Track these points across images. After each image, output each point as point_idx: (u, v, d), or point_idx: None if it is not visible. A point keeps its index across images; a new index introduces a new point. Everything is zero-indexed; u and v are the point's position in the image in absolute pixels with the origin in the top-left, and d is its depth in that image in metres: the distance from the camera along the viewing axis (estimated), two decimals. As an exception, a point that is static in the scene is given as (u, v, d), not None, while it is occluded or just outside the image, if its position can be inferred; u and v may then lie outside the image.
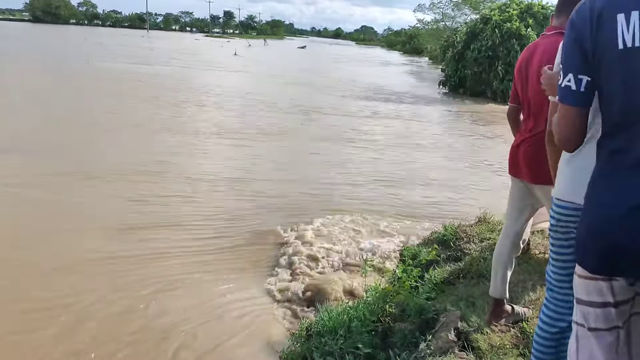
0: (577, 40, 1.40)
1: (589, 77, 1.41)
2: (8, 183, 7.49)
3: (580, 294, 1.50)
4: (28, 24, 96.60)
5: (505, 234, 2.92)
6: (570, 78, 1.43)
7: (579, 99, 1.44)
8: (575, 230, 1.76)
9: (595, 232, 1.38)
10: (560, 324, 1.96)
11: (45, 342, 3.98)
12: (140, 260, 5.50)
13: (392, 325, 3.40)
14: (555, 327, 1.97)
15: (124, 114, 13.77)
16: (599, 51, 1.35)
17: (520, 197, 2.82)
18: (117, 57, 32.62)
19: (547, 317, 2.00)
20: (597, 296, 1.43)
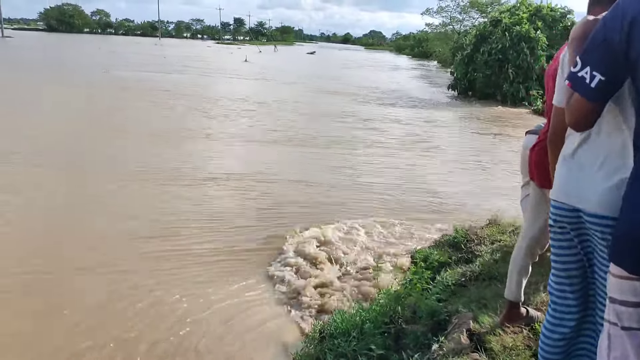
0: (606, 40, 1.44)
1: (602, 77, 1.44)
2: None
3: (613, 293, 1.51)
4: (43, 33, 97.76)
5: (522, 237, 2.93)
6: (587, 71, 1.47)
7: (588, 93, 1.48)
8: (572, 231, 1.78)
9: (632, 232, 1.39)
10: (561, 330, 1.93)
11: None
12: (153, 261, 5.61)
13: (405, 327, 3.42)
14: (556, 332, 1.94)
15: (158, 124, 13.94)
16: (633, 53, 1.38)
17: (536, 201, 2.82)
18: (132, 65, 32.70)
19: (548, 323, 1.98)
20: (631, 296, 1.44)
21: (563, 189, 1.76)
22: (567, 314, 1.91)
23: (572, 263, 1.85)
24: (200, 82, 25.53)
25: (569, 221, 1.77)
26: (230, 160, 10.55)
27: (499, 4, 44.07)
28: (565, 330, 1.92)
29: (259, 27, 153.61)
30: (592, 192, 1.63)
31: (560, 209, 1.78)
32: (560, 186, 1.78)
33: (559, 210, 1.79)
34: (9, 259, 5.45)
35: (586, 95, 1.49)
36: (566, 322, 1.91)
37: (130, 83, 22.66)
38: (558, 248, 1.87)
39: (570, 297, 1.89)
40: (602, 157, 1.63)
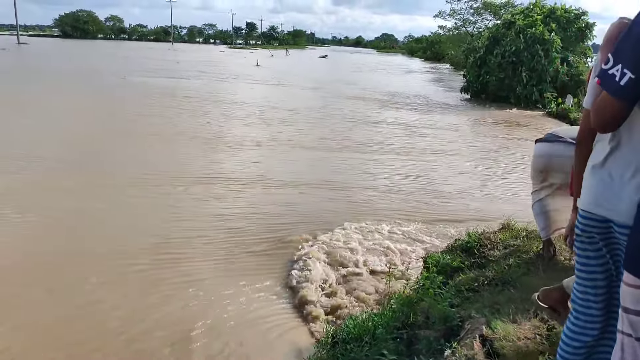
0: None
1: (632, 75, 1.42)
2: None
3: (627, 303, 1.49)
4: (57, 40, 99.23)
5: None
6: (618, 68, 1.44)
7: (617, 91, 1.46)
8: (601, 240, 1.75)
9: None
10: (583, 338, 1.90)
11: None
12: (170, 262, 5.68)
13: (417, 332, 3.41)
14: (578, 341, 1.91)
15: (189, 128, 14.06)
16: None
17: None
18: (148, 71, 32.76)
19: (569, 331, 1.95)
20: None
21: (593, 199, 1.72)
22: (590, 322, 1.89)
23: (599, 273, 1.82)
24: (220, 87, 25.46)
25: (599, 231, 1.73)
26: (270, 165, 10.58)
27: (512, 5, 43.87)
28: (587, 339, 1.90)
29: (271, 31, 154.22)
30: (624, 203, 1.59)
31: (590, 219, 1.74)
32: (589, 196, 1.74)
33: (587, 221, 1.75)
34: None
35: (615, 93, 1.46)
36: (589, 330, 1.89)
37: (152, 89, 22.67)
38: (585, 257, 1.84)
39: (594, 307, 1.87)
40: (633, 167, 1.59)
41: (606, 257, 1.79)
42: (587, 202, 1.75)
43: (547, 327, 3.01)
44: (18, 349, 4.04)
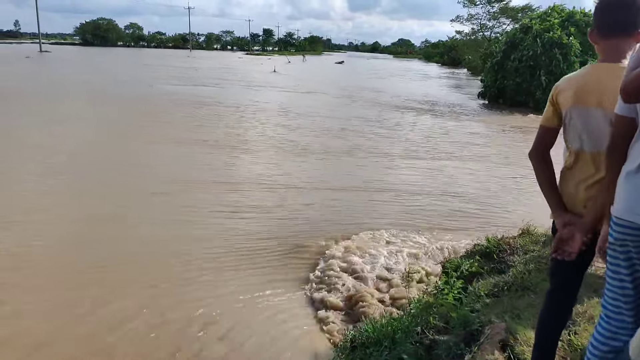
0: None
1: None
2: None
3: None
4: (79, 47, 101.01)
5: None
6: None
7: None
8: (634, 248, 1.74)
9: None
10: (613, 343, 1.89)
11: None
12: (185, 265, 5.79)
13: (437, 337, 3.41)
14: (608, 345, 1.90)
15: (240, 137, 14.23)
16: None
17: None
18: (172, 79, 32.62)
19: (600, 335, 1.94)
20: None
21: (628, 206, 1.70)
22: (622, 328, 1.87)
23: (629, 282, 1.80)
24: (249, 96, 25.10)
25: (632, 239, 1.71)
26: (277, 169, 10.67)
27: (531, 9, 43.55)
28: (617, 344, 1.89)
29: (287, 38, 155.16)
30: None
31: (625, 227, 1.72)
32: (624, 203, 1.72)
33: (622, 229, 1.73)
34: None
35: None
36: (620, 336, 1.88)
37: (182, 97, 22.53)
38: (616, 265, 1.82)
39: (626, 314, 1.85)
40: None
41: (636, 267, 1.77)
42: (622, 209, 1.73)
43: (569, 332, 3.00)
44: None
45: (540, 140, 2.22)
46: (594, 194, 2.01)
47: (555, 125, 2.17)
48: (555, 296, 2.28)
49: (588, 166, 2.05)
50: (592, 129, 2.01)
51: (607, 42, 1.99)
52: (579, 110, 2.02)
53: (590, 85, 2.00)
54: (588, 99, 1.99)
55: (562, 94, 2.09)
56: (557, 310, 2.26)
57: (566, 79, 2.13)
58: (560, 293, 2.25)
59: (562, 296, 2.25)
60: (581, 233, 2.02)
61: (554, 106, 2.15)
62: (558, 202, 2.15)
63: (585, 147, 2.04)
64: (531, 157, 2.26)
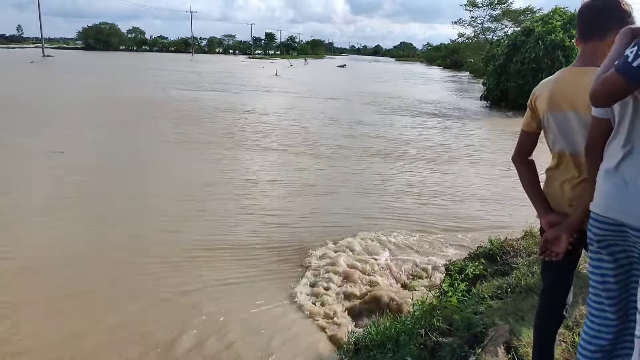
0: None
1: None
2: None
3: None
4: (82, 52, 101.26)
5: None
6: (635, 50, 1.46)
7: (628, 70, 1.47)
8: (614, 245, 1.76)
9: None
10: (599, 342, 1.91)
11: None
12: (185, 265, 5.83)
13: (441, 339, 3.41)
14: (594, 344, 1.92)
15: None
16: None
17: None
18: (182, 84, 32.03)
19: (586, 335, 1.96)
20: None
21: (607, 203, 1.73)
22: (605, 327, 1.89)
23: (611, 277, 1.83)
24: (262, 101, 24.68)
25: (612, 235, 1.74)
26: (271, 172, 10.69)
27: (533, 12, 43.61)
28: (602, 343, 1.91)
29: (289, 41, 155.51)
30: (638, 207, 1.61)
31: (603, 222, 1.75)
32: (603, 201, 1.75)
33: (601, 224, 1.77)
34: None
35: (623, 70, 1.48)
36: (604, 334, 1.90)
37: (202, 103, 22.08)
38: (597, 261, 1.86)
39: (609, 311, 1.88)
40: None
41: (618, 262, 1.80)
42: (601, 206, 1.76)
43: (572, 334, 3.00)
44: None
45: (522, 145, 2.29)
46: (579, 194, 2.04)
47: (534, 129, 2.24)
48: (547, 295, 2.31)
49: (570, 167, 2.08)
50: (568, 132, 2.05)
51: (584, 46, 2.05)
52: (554, 114, 2.07)
53: (563, 89, 2.04)
54: (562, 103, 2.04)
55: (539, 99, 2.14)
56: (551, 309, 2.29)
57: (542, 84, 2.18)
58: (552, 292, 2.28)
59: (554, 294, 2.27)
60: (567, 233, 2.05)
61: (532, 111, 2.20)
62: (543, 204, 2.20)
63: (566, 149, 2.08)
64: (514, 161, 2.33)
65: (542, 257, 2.17)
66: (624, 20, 1.89)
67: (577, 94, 1.98)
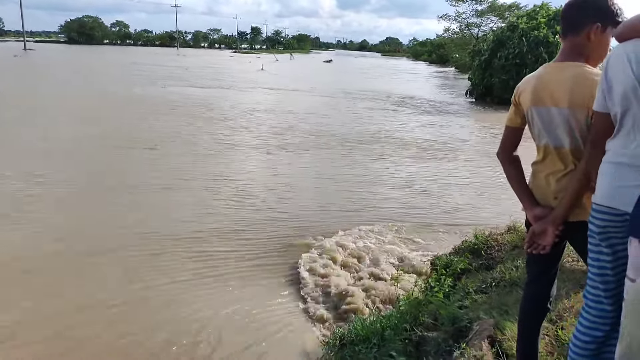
0: None
1: None
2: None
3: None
4: (64, 46, 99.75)
5: None
6: None
7: None
8: (615, 237, 1.77)
9: None
10: (594, 333, 1.93)
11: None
12: (178, 262, 5.78)
13: (426, 333, 3.42)
14: (589, 335, 1.94)
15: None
16: None
17: None
18: (178, 79, 31.11)
19: (581, 326, 1.97)
20: None
21: (609, 193, 1.74)
22: (601, 318, 1.91)
23: (609, 269, 1.84)
24: (255, 98, 24.06)
25: (614, 225, 1.75)
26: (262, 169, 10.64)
27: (518, 8, 43.89)
28: (598, 334, 1.93)
29: (275, 36, 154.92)
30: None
31: (605, 213, 1.76)
32: (605, 190, 1.76)
33: (603, 215, 1.77)
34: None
35: None
36: (600, 326, 1.92)
37: (211, 100, 21.51)
38: (596, 253, 1.86)
39: (605, 302, 1.89)
40: None
41: (617, 254, 1.81)
42: (603, 196, 1.77)
43: (556, 327, 3.02)
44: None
45: (506, 140, 2.32)
46: (564, 186, 2.06)
47: (519, 125, 2.26)
48: (531, 288, 2.33)
49: (555, 160, 2.10)
50: (551, 127, 2.07)
51: (564, 42, 2.09)
52: (538, 109, 2.09)
53: (546, 85, 2.06)
54: (545, 99, 2.06)
55: (523, 94, 2.16)
56: (535, 301, 2.31)
57: (526, 80, 2.20)
58: (536, 284, 2.30)
59: (539, 287, 2.29)
60: (553, 226, 2.07)
61: (516, 106, 2.23)
62: (528, 197, 2.22)
63: (550, 143, 2.10)
64: (499, 156, 2.35)
65: (529, 251, 2.18)
66: (599, 17, 1.90)
67: (559, 90, 2.00)
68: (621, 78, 1.67)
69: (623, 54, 1.68)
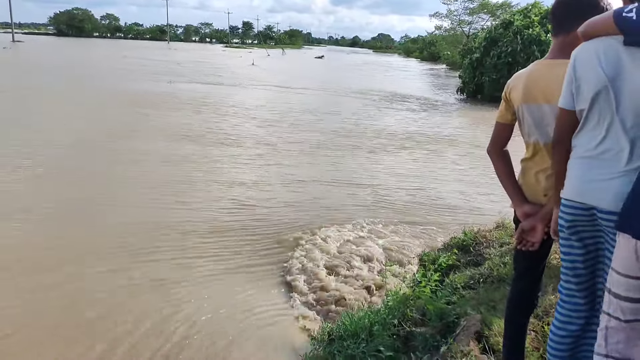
0: None
1: None
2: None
3: (618, 290, 1.57)
4: (53, 38, 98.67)
5: None
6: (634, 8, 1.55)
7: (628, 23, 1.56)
8: (583, 231, 1.79)
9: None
10: (569, 327, 1.96)
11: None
12: (166, 255, 5.79)
13: (414, 329, 3.43)
14: (564, 329, 1.97)
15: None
16: None
17: None
18: (175, 75, 30.28)
19: (557, 321, 2.01)
20: (636, 293, 1.54)
21: (577, 188, 1.76)
22: (575, 311, 1.94)
23: (580, 262, 1.87)
24: (254, 95, 24.30)
25: (582, 220, 1.77)
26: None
27: (509, 6, 44.09)
28: (573, 328, 1.96)
29: (267, 31, 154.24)
30: (609, 190, 1.64)
31: (574, 208, 1.78)
32: (574, 186, 1.78)
33: (571, 210, 1.79)
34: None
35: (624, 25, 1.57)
36: (574, 319, 1.95)
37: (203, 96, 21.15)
38: (567, 247, 1.89)
39: (578, 296, 1.93)
40: (619, 155, 1.64)
41: (587, 248, 1.84)
42: (572, 191, 1.79)
43: (542, 323, 3.05)
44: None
45: (497, 137, 2.33)
46: (553, 183, 2.07)
47: (509, 121, 2.26)
48: (519, 284, 2.34)
49: (545, 157, 2.11)
50: (542, 123, 2.08)
51: (555, 40, 2.11)
52: (529, 106, 2.10)
53: (537, 82, 2.07)
54: (536, 96, 2.07)
55: (513, 91, 2.17)
56: (522, 297, 2.32)
57: (516, 76, 2.21)
58: (524, 280, 2.31)
59: (526, 283, 2.30)
60: (542, 223, 2.08)
61: (507, 102, 2.23)
62: (518, 194, 2.23)
63: (540, 140, 2.11)
64: (489, 153, 2.36)
65: (518, 247, 2.19)
66: (590, 14, 1.93)
67: (551, 87, 2.01)
68: (590, 75, 1.69)
69: (592, 51, 1.70)
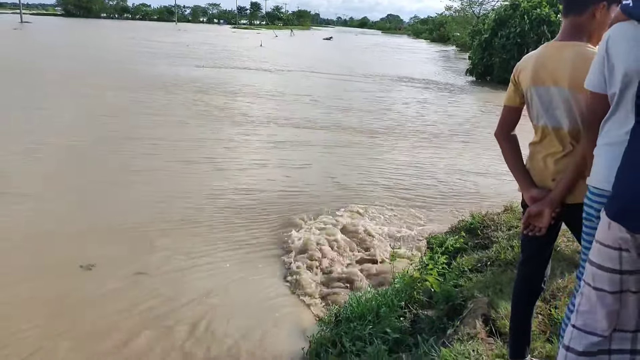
0: None
1: None
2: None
3: (595, 258, 1.63)
4: (61, 19, 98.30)
5: None
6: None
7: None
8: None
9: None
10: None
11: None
12: (171, 239, 5.78)
13: (420, 311, 3.46)
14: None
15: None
16: None
17: None
18: (171, 57, 29.57)
19: (573, 306, 1.95)
20: (609, 262, 1.58)
21: (606, 176, 1.70)
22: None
23: None
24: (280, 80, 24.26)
25: None
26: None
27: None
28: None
29: (275, 12, 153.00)
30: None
31: (602, 196, 1.73)
32: (603, 173, 1.73)
33: (600, 198, 1.74)
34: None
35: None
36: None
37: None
38: (592, 236, 1.80)
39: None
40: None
41: None
42: (600, 179, 1.75)
43: (549, 306, 3.05)
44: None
45: (505, 120, 2.29)
46: (562, 168, 2.05)
47: (517, 104, 2.23)
48: (526, 268, 2.33)
49: (554, 141, 2.08)
50: (550, 107, 2.05)
51: (565, 21, 2.06)
52: (537, 89, 2.07)
53: (546, 64, 2.03)
54: (545, 78, 2.03)
55: (522, 73, 2.13)
56: (529, 281, 2.31)
57: (526, 58, 2.17)
58: (531, 264, 2.30)
59: (533, 267, 2.29)
60: (550, 208, 2.06)
61: (515, 85, 2.19)
62: (526, 179, 2.20)
63: (549, 124, 2.08)
64: (497, 137, 2.33)
65: (525, 232, 2.18)
66: None
67: (560, 69, 1.98)
68: (625, 58, 1.63)
69: (630, 32, 1.63)
